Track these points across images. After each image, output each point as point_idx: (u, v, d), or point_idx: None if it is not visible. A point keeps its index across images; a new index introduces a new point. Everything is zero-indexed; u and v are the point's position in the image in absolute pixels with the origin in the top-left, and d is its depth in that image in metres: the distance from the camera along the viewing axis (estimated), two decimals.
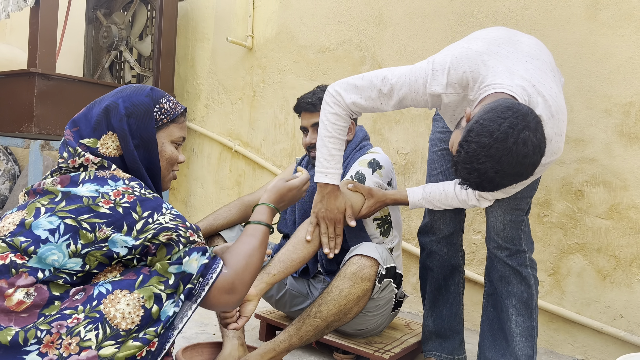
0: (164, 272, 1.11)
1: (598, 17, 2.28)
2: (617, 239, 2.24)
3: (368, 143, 2.07)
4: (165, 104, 1.32)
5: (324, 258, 2.01)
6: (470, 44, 1.56)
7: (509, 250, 1.74)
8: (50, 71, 2.99)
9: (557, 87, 1.54)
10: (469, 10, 2.64)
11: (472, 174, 1.33)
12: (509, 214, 1.71)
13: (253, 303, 1.58)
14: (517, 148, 1.29)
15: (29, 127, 2.96)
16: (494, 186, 1.36)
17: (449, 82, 1.53)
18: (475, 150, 1.31)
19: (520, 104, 1.34)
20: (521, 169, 1.32)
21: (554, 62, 1.67)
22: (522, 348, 1.75)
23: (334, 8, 3.15)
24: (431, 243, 1.95)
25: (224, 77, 3.72)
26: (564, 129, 1.54)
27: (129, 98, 1.27)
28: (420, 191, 1.82)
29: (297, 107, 2.05)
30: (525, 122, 1.30)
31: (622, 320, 2.23)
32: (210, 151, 3.78)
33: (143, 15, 3.86)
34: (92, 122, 1.24)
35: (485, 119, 1.32)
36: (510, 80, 1.45)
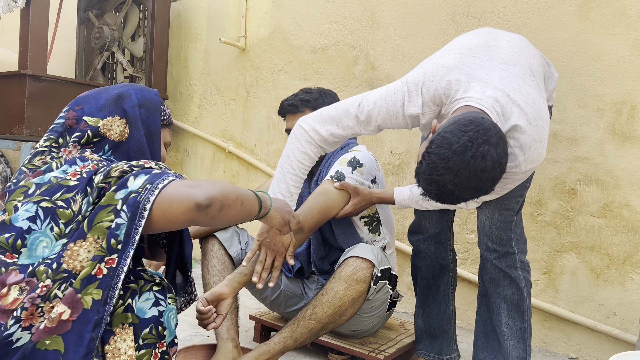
0: (111, 200, 1.06)
1: (590, 17, 2.29)
2: (610, 237, 2.25)
3: (353, 141, 2.06)
4: (166, 108, 1.39)
5: (316, 257, 2.00)
6: (441, 58, 1.54)
7: (498, 253, 1.73)
8: (42, 73, 2.97)
9: (536, 93, 1.51)
10: (461, 10, 2.64)
11: (432, 185, 1.33)
12: (498, 214, 1.70)
13: (228, 301, 1.60)
14: (475, 162, 1.28)
15: (20, 129, 2.94)
16: (453, 199, 1.35)
17: (424, 101, 1.51)
18: (435, 162, 1.31)
19: (484, 118, 1.33)
20: (479, 183, 1.31)
21: (537, 62, 1.63)
22: (514, 350, 1.74)
23: (327, 8, 3.15)
24: (419, 242, 1.95)
25: (217, 77, 3.71)
26: (545, 135, 1.52)
27: (140, 91, 1.32)
28: (407, 191, 1.81)
29: (280, 109, 2.06)
30: (486, 136, 1.29)
31: (615, 318, 2.24)
32: (204, 152, 3.76)
33: (135, 16, 3.84)
34: (100, 104, 1.26)
35: (446, 132, 1.32)
36: (481, 93, 1.44)
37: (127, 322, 1.08)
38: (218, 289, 1.62)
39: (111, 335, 1.07)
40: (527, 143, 1.46)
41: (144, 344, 1.09)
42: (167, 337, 1.13)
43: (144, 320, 1.10)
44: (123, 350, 1.07)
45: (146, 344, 1.09)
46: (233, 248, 1.99)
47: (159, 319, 1.11)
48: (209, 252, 1.98)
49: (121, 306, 1.08)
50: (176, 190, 1.06)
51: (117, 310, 1.08)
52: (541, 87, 1.59)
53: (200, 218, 1.06)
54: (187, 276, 1.37)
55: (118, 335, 1.07)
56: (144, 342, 1.09)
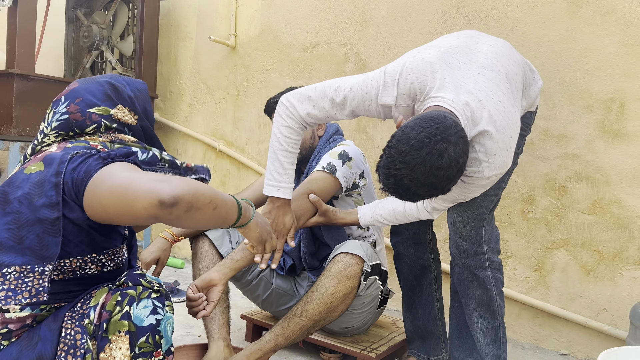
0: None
1: (579, 14, 2.30)
2: (600, 234, 2.26)
3: (339, 137, 2.07)
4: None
5: (307, 254, 2.00)
6: (423, 52, 1.54)
7: (467, 252, 1.72)
8: (30, 72, 2.94)
9: (508, 101, 1.51)
10: (451, 8, 2.64)
11: (390, 180, 1.34)
12: (470, 211, 1.69)
13: (218, 288, 1.59)
14: (430, 158, 1.28)
15: (8, 128, 2.91)
16: (410, 195, 1.35)
17: (399, 92, 1.50)
18: (393, 156, 1.32)
19: (447, 116, 1.33)
20: (435, 181, 1.31)
21: (515, 70, 1.61)
22: (488, 348, 1.74)
23: (317, 6, 3.14)
24: (398, 244, 1.95)
25: (207, 76, 3.69)
26: (512, 144, 1.51)
27: (132, 83, 1.37)
28: (370, 213, 1.79)
29: (267, 107, 2.06)
30: (445, 134, 1.29)
31: (605, 314, 2.25)
32: (194, 151, 3.75)
33: (124, 15, 3.81)
34: (99, 95, 1.29)
35: (407, 127, 1.33)
36: (454, 94, 1.44)
37: (124, 330, 1.06)
38: (208, 275, 1.60)
39: (107, 343, 1.06)
40: (492, 150, 1.46)
41: (140, 353, 1.08)
42: (164, 346, 1.12)
43: (141, 328, 1.08)
44: (118, 358, 1.06)
45: (142, 353, 1.08)
46: (224, 247, 1.98)
47: (156, 327, 1.10)
48: (200, 252, 1.97)
49: (118, 313, 1.07)
50: (142, 183, 1.00)
51: (113, 318, 1.06)
52: (516, 95, 1.58)
53: (163, 216, 0.99)
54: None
55: (114, 343, 1.06)
56: (140, 350, 1.08)
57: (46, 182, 1.12)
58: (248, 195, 2.14)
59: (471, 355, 1.79)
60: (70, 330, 1.08)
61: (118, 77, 1.35)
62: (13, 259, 1.08)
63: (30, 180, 1.13)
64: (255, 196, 2.15)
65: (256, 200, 2.15)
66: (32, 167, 1.15)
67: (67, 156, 1.14)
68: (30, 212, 1.10)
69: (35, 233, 1.10)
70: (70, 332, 1.08)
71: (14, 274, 1.08)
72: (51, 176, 1.11)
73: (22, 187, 1.13)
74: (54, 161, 1.14)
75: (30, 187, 1.12)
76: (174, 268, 3.50)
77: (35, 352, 1.06)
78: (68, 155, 1.14)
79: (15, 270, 1.08)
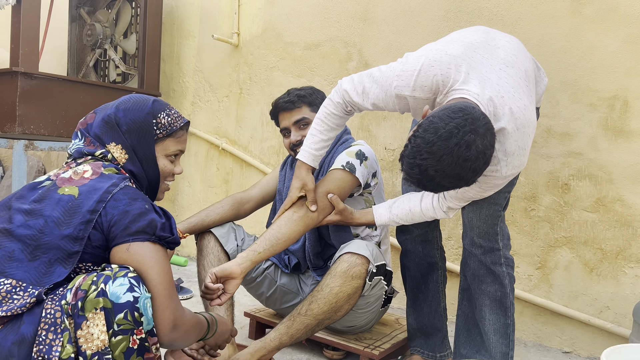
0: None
1: (582, 12, 2.30)
2: (603, 232, 2.27)
3: (350, 137, 2.07)
4: (163, 119, 1.37)
5: (311, 254, 2.00)
6: (446, 46, 1.52)
7: (483, 248, 1.72)
8: (34, 70, 2.95)
9: (527, 99, 1.50)
10: (454, 6, 2.64)
11: (414, 170, 1.32)
12: (486, 208, 1.69)
13: (236, 281, 1.59)
14: (458, 149, 1.27)
15: (12, 127, 2.91)
16: (434, 185, 1.34)
17: (418, 84, 1.49)
18: (419, 146, 1.30)
19: (475, 108, 1.32)
20: (461, 172, 1.30)
21: (531, 67, 1.62)
22: (497, 345, 1.74)
23: (320, 4, 3.14)
24: (406, 242, 1.95)
25: (210, 74, 3.70)
26: (529, 143, 1.51)
27: (129, 112, 1.34)
28: (386, 213, 1.79)
29: (274, 109, 2.01)
30: (474, 125, 1.28)
31: (608, 312, 2.25)
32: (198, 149, 3.75)
33: (127, 13, 3.81)
34: (97, 131, 1.33)
35: (435, 116, 1.31)
36: (480, 89, 1.43)
37: (99, 307, 1.09)
38: (229, 267, 1.60)
39: (84, 320, 1.08)
40: (511, 148, 1.46)
41: (120, 330, 1.10)
42: (145, 325, 1.13)
43: (118, 305, 1.10)
44: (96, 335, 1.08)
45: (122, 330, 1.10)
46: (229, 244, 1.98)
47: (134, 304, 1.11)
48: (205, 248, 1.97)
49: (94, 291, 1.09)
50: (165, 304, 1.18)
51: (89, 296, 1.09)
52: (532, 92, 1.58)
53: (165, 336, 1.18)
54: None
55: (90, 320, 1.08)
56: (119, 327, 1.10)
57: (79, 214, 1.18)
58: (254, 192, 2.15)
59: (479, 353, 1.79)
60: (50, 310, 1.10)
61: (122, 106, 1.36)
62: (15, 271, 1.13)
63: (61, 203, 1.19)
64: (262, 194, 2.16)
65: (262, 197, 2.16)
66: (67, 189, 1.21)
67: (108, 196, 1.20)
68: (52, 236, 1.16)
69: (48, 257, 1.15)
70: (50, 311, 1.10)
71: (7, 287, 1.11)
72: (87, 211, 1.18)
73: (54, 208, 1.18)
74: (90, 194, 1.20)
75: (61, 212, 1.18)
76: (177, 266, 3.51)
77: (17, 334, 1.09)
78: (108, 195, 1.20)
79: (10, 283, 1.12)
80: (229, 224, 2.04)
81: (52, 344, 1.08)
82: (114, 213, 1.18)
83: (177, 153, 1.41)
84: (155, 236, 1.21)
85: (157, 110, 1.36)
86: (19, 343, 1.08)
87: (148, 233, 1.20)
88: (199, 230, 2.00)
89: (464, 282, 1.85)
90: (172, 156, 1.40)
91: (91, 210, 1.18)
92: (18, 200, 1.22)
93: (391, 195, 2.85)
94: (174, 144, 1.39)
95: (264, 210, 2.44)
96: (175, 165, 1.42)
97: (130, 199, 1.21)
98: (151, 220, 1.21)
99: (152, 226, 1.21)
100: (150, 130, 1.35)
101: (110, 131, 1.32)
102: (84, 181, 1.23)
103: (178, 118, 1.39)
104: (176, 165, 1.43)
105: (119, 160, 1.32)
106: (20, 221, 1.17)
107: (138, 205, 1.21)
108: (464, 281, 1.85)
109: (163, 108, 1.38)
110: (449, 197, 1.67)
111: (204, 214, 2.03)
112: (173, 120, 1.38)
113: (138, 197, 1.23)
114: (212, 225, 2.01)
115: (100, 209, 1.18)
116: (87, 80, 3.34)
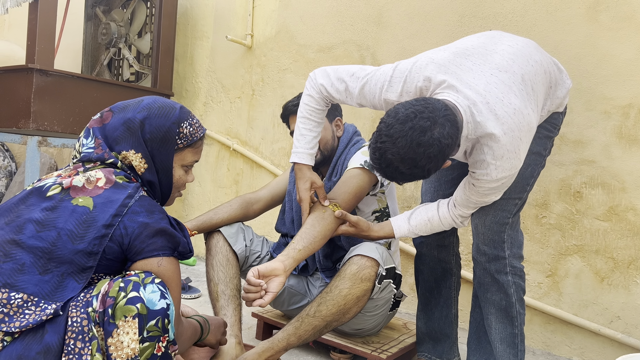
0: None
1: (598, 19, 2.28)
2: (615, 241, 2.24)
3: (360, 138, 2.08)
4: (185, 129, 1.33)
5: (321, 256, 2.00)
6: (435, 54, 1.57)
7: (488, 256, 1.70)
8: (49, 67, 2.98)
9: (521, 103, 1.49)
10: (469, 11, 2.64)
11: (376, 154, 1.38)
12: (493, 215, 1.68)
13: (280, 279, 1.57)
14: (412, 133, 1.32)
15: (27, 123, 2.94)
16: (393, 170, 1.38)
17: (404, 90, 1.54)
18: (381, 130, 1.37)
19: (440, 101, 1.38)
20: (415, 157, 1.33)
21: (531, 71, 1.57)
22: (505, 355, 1.72)
23: (334, 7, 3.15)
24: (421, 245, 1.94)
25: (223, 75, 3.71)
26: (522, 147, 1.50)
27: (156, 119, 1.29)
28: (405, 225, 1.79)
29: (284, 112, 2.05)
30: (432, 114, 1.33)
31: (619, 322, 2.23)
32: (209, 150, 3.77)
33: (142, 13, 3.84)
34: (116, 135, 1.28)
35: (400, 104, 1.39)
36: (461, 95, 1.46)
37: (131, 315, 1.08)
38: (272, 264, 1.58)
39: (114, 328, 1.07)
40: (499, 152, 1.47)
41: (148, 337, 1.09)
42: (170, 331, 1.14)
43: (153, 312, 1.10)
44: (126, 343, 1.07)
45: (150, 337, 1.09)
46: (238, 244, 1.98)
47: (166, 311, 1.12)
48: (214, 248, 1.98)
49: (123, 298, 1.08)
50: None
51: (118, 303, 1.08)
52: (532, 96, 1.55)
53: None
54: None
55: (121, 328, 1.07)
56: (148, 334, 1.09)
57: (93, 229, 1.15)
58: (263, 193, 2.16)
59: None
60: (77, 318, 1.09)
61: (147, 110, 1.30)
62: (26, 285, 1.09)
63: (75, 215, 1.15)
64: (271, 195, 2.16)
65: (271, 198, 2.16)
66: (80, 200, 1.17)
67: (124, 210, 1.17)
68: (65, 250, 1.13)
69: (61, 272, 1.12)
70: (77, 319, 1.09)
71: (19, 301, 1.08)
72: (102, 226, 1.15)
73: (67, 220, 1.15)
74: (106, 207, 1.17)
75: (75, 225, 1.15)
76: (185, 265, 3.52)
77: (42, 344, 1.07)
78: (124, 209, 1.17)
79: (21, 298, 1.09)
80: (238, 224, 2.05)
81: (82, 353, 1.07)
82: (134, 227, 1.16)
83: (192, 164, 1.39)
84: (176, 252, 1.21)
85: (182, 119, 1.32)
86: (44, 353, 1.06)
87: (171, 248, 1.20)
88: (207, 229, 2.01)
89: (475, 289, 1.84)
90: (187, 166, 1.38)
91: (107, 224, 1.15)
92: (28, 208, 1.17)
93: (401, 199, 2.84)
94: (192, 154, 1.37)
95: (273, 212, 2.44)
96: (189, 175, 1.40)
97: (147, 212, 1.19)
98: (174, 237, 1.20)
99: (175, 242, 1.21)
100: (173, 140, 1.31)
101: (131, 137, 1.27)
102: (98, 191, 1.19)
103: (199, 128, 1.36)
104: (189, 175, 1.40)
105: (138, 169, 1.28)
106: (31, 232, 1.13)
107: (157, 218, 1.19)
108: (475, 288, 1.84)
109: (186, 117, 1.34)
110: (458, 205, 1.68)
111: (212, 213, 2.03)
112: (195, 131, 1.35)
113: (155, 210, 1.21)
114: (220, 224, 2.01)
115: (117, 223, 1.16)
116: (101, 79, 3.37)
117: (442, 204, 1.74)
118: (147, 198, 1.23)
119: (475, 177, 1.54)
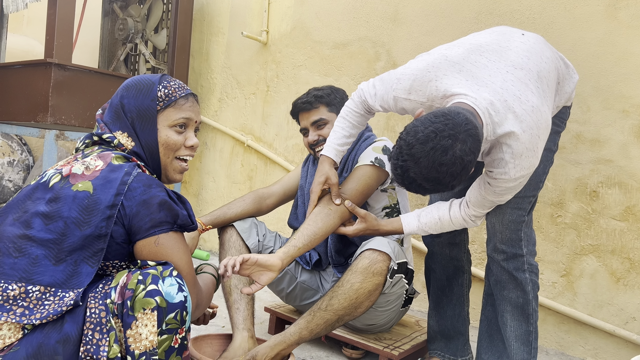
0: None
1: (617, 17, 2.25)
2: (631, 241, 2.22)
3: (372, 134, 2.08)
4: (161, 91, 1.32)
5: (333, 251, 2.01)
6: (448, 50, 1.55)
7: (506, 254, 1.70)
8: (67, 62, 3.01)
9: (538, 100, 1.48)
10: (485, 8, 2.62)
11: (397, 171, 1.37)
12: (509, 214, 1.67)
13: (272, 274, 1.59)
14: (434, 153, 1.30)
15: (45, 117, 2.98)
16: (416, 187, 1.37)
17: (414, 87, 1.53)
18: (401, 148, 1.35)
19: (460, 113, 1.33)
20: (438, 176, 1.32)
21: (546, 68, 1.56)
22: (518, 353, 1.72)
23: (350, 4, 3.14)
24: (432, 244, 1.94)
25: (238, 71, 3.73)
26: (540, 145, 1.50)
27: (133, 100, 1.32)
28: (415, 222, 1.79)
29: (294, 108, 2.04)
30: (453, 131, 1.30)
31: (635, 323, 2.21)
32: (223, 145, 3.79)
33: (159, 9, 3.87)
34: (108, 117, 1.34)
35: (419, 119, 1.35)
36: (476, 93, 1.44)
37: (150, 307, 1.09)
38: (272, 259, 1.59)
39: (133, 320, 1.09)
40: (519, 151, 1.46)
41: (167, 329, 1.11)
42: (187, 323, 1.15)
43: (172, 305, 1.11)
44: (144, 335, 1.09)
45: (169, 329, 1.11)
46: (251, 239, 1.99)
47: (184, 304, 1.13)
48: (227, 242, 1.99)
49: (142, 291, 1.09)
50: (190, 282, 1.25)
51: (137, 296, 1.09)
52: (547, 93, 1.54)
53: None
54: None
55: (140, 320, 1.09)
56: (167, 327, 1.10)
57: (97, 212, 1.16)
58: (276, 188, 2.17)
59: (501, 359, 1.77)
60: (95, 309, 1.11)
61: (124, 94, 1.33)
62: (41, 277, 1.11)
63: (77, 201, 1.16)
64: (283, 190, 2.17)
65: (284, 193, 2.17)
66: (80, 185, 1.18)
67: (124, 187, 1.18)
68: (74, 237, 1.14)
69: (74, 259, 1.14)
70: (95, 310, 1.11)
71: (37, 294, 1.10)
72: (105, 207, 1.16)
73: (71, 208, 1.16)
74: (105, 188, 1.18)
75: (79, 211, 1.16)
76: (199, 260, 3.54)
77: (61, 333, 1.09)
78: (124, 187, 1.18)
79: (39, 290, 1.10)
80: (251, 219, 2.06)
81: (99, 344, 1.08)
82: (132, 205, 1.17)
83: (182, 122, 1.32)
84: (176, 225, 1.22)
85: (155, 87, 1.32)
86: (63, 342, 1.08)
87: (170, 223, 1.20)
88: (221, 224, 2.02)
89: (488, 287, 1.83)
90: (178, 126, 1.32)
91: (110, 205, 1.16)
92: (34, 203, 1.18)
93: (413, 196, 2.83)
94: (175, 111, 1.31)
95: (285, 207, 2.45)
96: (187, 137, 1.34)
97: (145, 186, 1.19)
98: (172, 210, 1.21)
99: (174, 215, 1.21)
100: (152, 112, 1.31)
101: (118, 120, 1.31)
102: (95, 174, 1.20)
103: (178, 89, 1.33)
104: (188, 137, 1.34)
105: (126, 146, 1.30)
106: (40, 225, 1.14)
107: (154, 193, 1.19)
108: (488, 286, 1.83)
109: (162, 82, 1.33)
110: (472, 205, 1.67)
111: (226, 208, 2.05)
112: (171, 91, 1.32)
113: (152, 184, 1.21)
114: (234, 219, 2.03)
115: (119, 202, 1.17)
116: (117, 74, 3.40)
117: (455, 203, 1.73)
118: (144, 174, 1.24)
119: (492, 177, 1.53)
